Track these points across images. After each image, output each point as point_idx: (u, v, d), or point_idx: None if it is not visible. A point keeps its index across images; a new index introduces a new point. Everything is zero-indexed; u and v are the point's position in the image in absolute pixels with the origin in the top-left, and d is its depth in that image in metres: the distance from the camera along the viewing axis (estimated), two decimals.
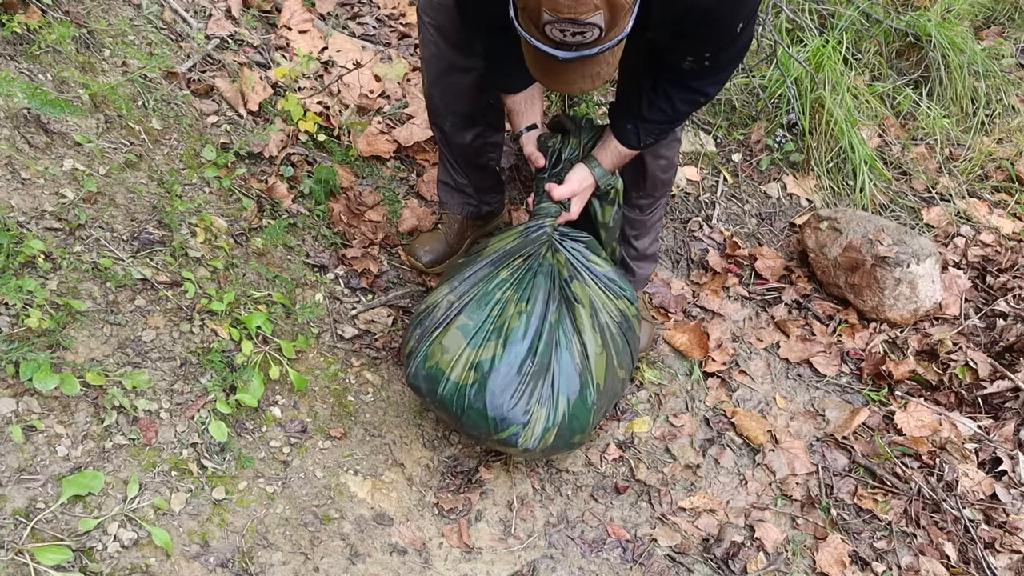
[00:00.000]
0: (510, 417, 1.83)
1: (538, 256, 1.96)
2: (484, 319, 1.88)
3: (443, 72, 2.08)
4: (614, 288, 2.02)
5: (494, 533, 2.01)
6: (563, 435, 1.90)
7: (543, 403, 1.85)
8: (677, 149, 2.24)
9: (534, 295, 1.90)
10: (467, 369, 1.84)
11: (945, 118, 3.35)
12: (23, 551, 1.47)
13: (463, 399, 1.84)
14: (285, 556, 1.75)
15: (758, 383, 2.51)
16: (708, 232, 2.89)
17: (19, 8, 2.05)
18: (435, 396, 1.88)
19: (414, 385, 1.93)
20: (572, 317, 1.93)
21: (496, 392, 1.82)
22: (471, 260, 2.01)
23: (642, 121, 1.87)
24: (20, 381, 1.63)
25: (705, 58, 1.67)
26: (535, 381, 1.85)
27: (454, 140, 2.24)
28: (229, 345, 1.95)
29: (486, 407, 1.82)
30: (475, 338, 1.86)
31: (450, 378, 1.85)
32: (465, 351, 1.85)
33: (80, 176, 1.93)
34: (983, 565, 2.09)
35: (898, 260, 2.61)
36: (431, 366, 1.88)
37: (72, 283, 1.79)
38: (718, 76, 1.79)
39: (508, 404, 1.82)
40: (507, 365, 1.83)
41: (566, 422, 1.88)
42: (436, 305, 1.94)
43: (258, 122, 2.48)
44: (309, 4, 2.89)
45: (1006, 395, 2.50)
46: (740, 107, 3.20)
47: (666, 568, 2.02)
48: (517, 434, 1.84)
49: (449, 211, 2.42)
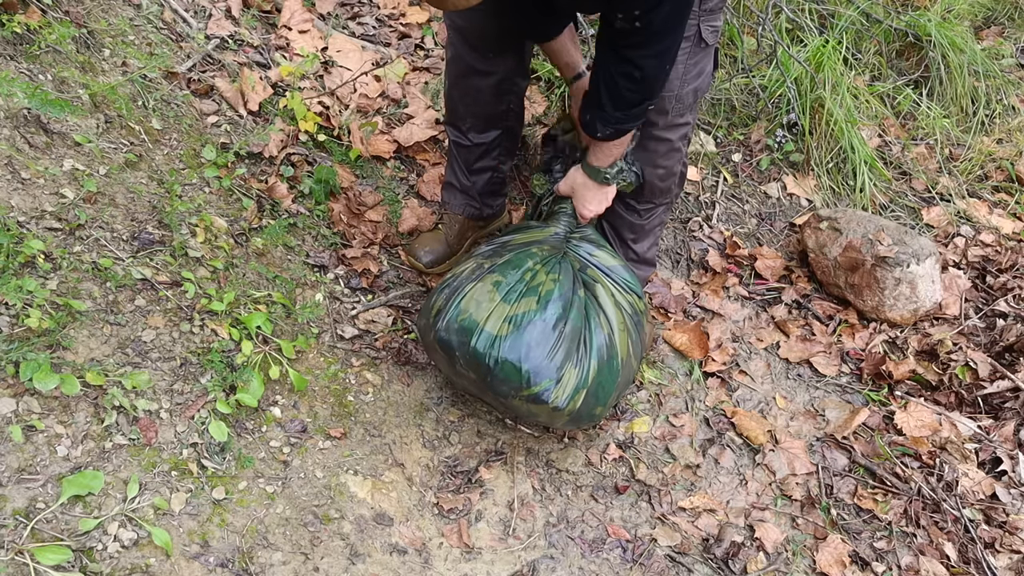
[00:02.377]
0: (543, 371, 1.83)
1: (560, 248, 2.06)
2: (517, 279, 1.91)
3: (462, 74, 2.10)
4: (621, 283, 2.07)
5: (494, 533, 2.01)
6: (589, 401, 1.91)
7: (576, 364, 1.88)
8: (678, 159, 2.22)
9: (563, 272, 1.96)
10: (502, 321, 1.85)
11: (945, 118, 3.35)
12: (23, 551, 1.47)
13: (497, 350, 1.83)
14: (285, 556, 1.75)
15: (758, 383, 2.51)
16: (708, 232, 2.89)
17: (19, 8, 2.05)
18: (467, 348, 1.86)
19: (444, 340, 1.90)
20: (594, 296, 1.99)
21: (532, 344, 1.83)
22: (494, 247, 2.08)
23: (599, 109, 1.86)
24: (20, 381, 1.63)
25: (635, 16, 1.64)
26: (569, 342, 1.87)
27: (469, 142, 2.26)
28: (229, 345, 1.95)
29: (521, 359, 1.82)
30: (509, 295, 1.89)
31: (484, 329, 1.85)
32: (499, 305, 1.87)
33: (80, 176, 1.93)
34: (983, 565, 2.09)
35: (898, 260, 2.61)
36: (464, 318, 1.87)
37: (72, 283, 1.79)
38: (653, 46, 1.72)
39: (543, 358, 1.83)
40: (543, 321, 1.85)
41: (594, 387, 1.91)
42: (465, 268, 1.98)
43: (258, 122, 2.48)
44: (309, 4, 2.89)
45: (1006, 395, 2.50)
46: (740, 107, 3.20)
47: (666, 568, 2.02)
48: (548, 389, 1.85)
49: (451, 211, 2.42)
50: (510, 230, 2.19)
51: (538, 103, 2.95)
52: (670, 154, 2.17)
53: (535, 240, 2.07)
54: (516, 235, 2.12)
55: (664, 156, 2.16)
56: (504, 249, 2.05)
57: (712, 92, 3.20)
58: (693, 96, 2.07)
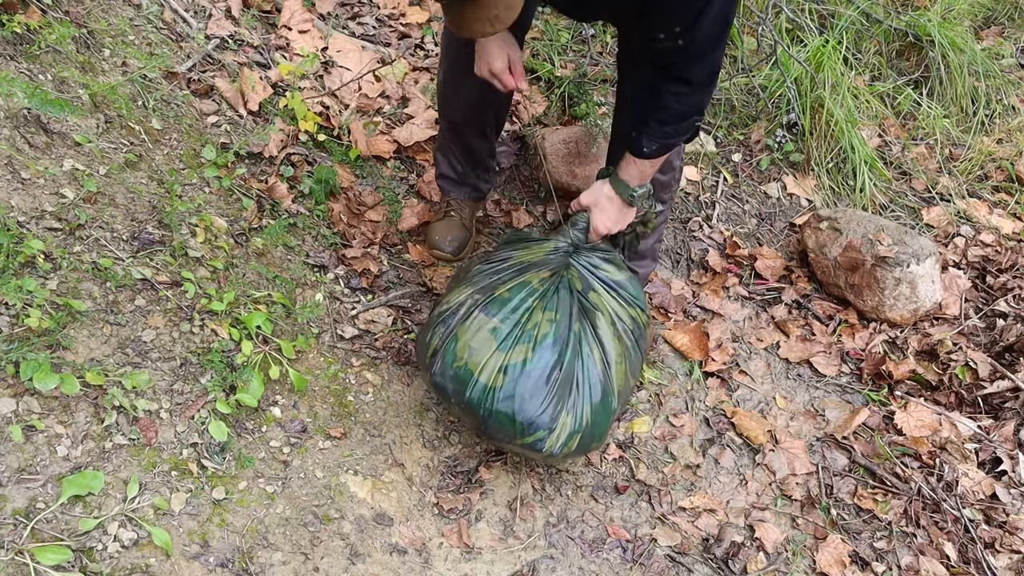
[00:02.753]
0: (538, 423, 1.83)
1: (560, 272, 2.00)
2: (514, 324, 1.88)
3: (456, 67, 2.11)
4: (626, 296, 2.03)
5: (494, 533, 2.01)
6: (584, 441, 1.91)
7: (569, 410, 1.86)
8: (677, 153, 2.24)
9: (560, 306, 1.92)
10: (496, 372, 1.83)
11: (945, 118, 3.35)
12: (23, 551, 1.47)
13: (491, 401, 1.83)
14: (285, 556, 1.75)
15: (758, 383, 2.51)
16: (708, 232, 2.89)
17: (19, 8, 2.05)
18: (462, 398, 1.86)
19: (440, 385, 1.90)
20: (593, 327, 1.94)
21: (525, 397, 1.82)
22: (494, 267, 2.02)
23: (643, 126, 1.86)
24: (20, 381, 1.63)
25: (676, 34, 1.63)
26: (563, 388, 1.85)
27: (463, 131, 2.28)
28: (229, 345, 1.95)
29: (515, 412, 1.82)
30: (504, 342, 1.85)
31: (479, 380, 1.84)
32: (495, 354, 1.84)
33: (80, 176, 1.93)
34: (983, 565, 2.09)
35: (898, 260, 2.61)
36: (459, 366, 1.86)
37: (72, 283, 1.79)
38: (701, 60, 1.72)
39: (537, 410, 1.82)
40: (537, 371, 1.83)
41: (588, 429, 1.89)
42: (461, 304, 1.94)
43: (258, 122, 2.48)
44: (309, 4, 2.89)
45: (1006, 395, 2.50)
46: (740, 107, 3.20)
47: (666, 568, 2.02)
48: (543, 439, 1.84)
49: (458, 199, 2.47)
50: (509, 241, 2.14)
51: (538, 103, 2.95)
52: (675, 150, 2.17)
53: (534, 262, 2.01)
54: (515, 252, 2.05)
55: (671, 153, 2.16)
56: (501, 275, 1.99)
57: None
58: None
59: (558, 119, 2.95)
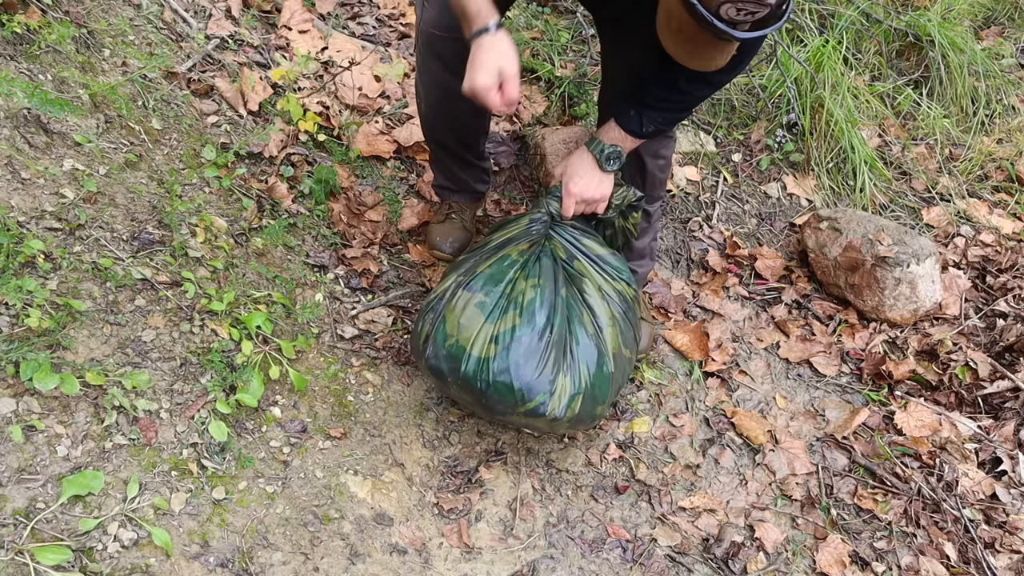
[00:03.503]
0: (536, 386, 1.82)
1: (540, 243, 2.00)
2: (499, 295, 1.88)
3: (443, 99, 2.08)
4: (610, 271, 2.03)
5: (494, 533, 2.01)
6: (587, 404, 1.90)
7: (566, 371, 1.86)
8: (672, 147, 2.25)
9: (543, 273, 1.93)
10: (488, 343, 1.84)
11: (945, 118, 3.35)
12: (23, 551, 1.47)
13: (487, 372, 1.82)
14: (285, 556, 1.75)
15: (758, 383, 2.51)
16: (708, 232, 2.89)
17: (19, 8, 2.05)
18: (458, 375, 1.86)
19: (434, 367, 1.90)
20: (580, 292, 1.95)
21: (520, 362, 1.81)
22: (476, 250, 2.04)
23: (645, 108, 1.85)
24: (20, 381, 1.63)
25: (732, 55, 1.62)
26: (556, 350, 1.85)
27: (455, 150, 2.29)
28: (229, 345, 1.95)
29: (512, 378, 1.81)
30: (492, 313, 1.86)
31: (472, 354, 1.84)
32: (484, 326, 1.85)
33: (80, 176, 1.93)
34: (983, 565, 2.09)
35: (898, 260, 2.61)
36: (451, 344, 1.86)
37: (72, 283, 1.79)
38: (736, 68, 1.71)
39: (533, 373, 1.82)
40: (528, 336, 1.83)
41: (589, 390, 1.89)
42: (446, 290, 1.95)
43: (258, 122, 2.48)
44: (309, 4, 2.89)
45: (1006, 395, 2.50)
46: (740, 107, 3.20)
47: (666, 568, 2.02)
48: (544, 403, 1.83)
49: (457, 202, 2.48)
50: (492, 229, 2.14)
51: (538, 103, 2.95)
52: (669, 143, 2.19)
53: (512, 237, 2.01)
54: (494, 234, 2.07)
55: (665, 145, 2.17)
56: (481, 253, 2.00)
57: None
58: None
59: (558, 119, 2.96)
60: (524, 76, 3.01)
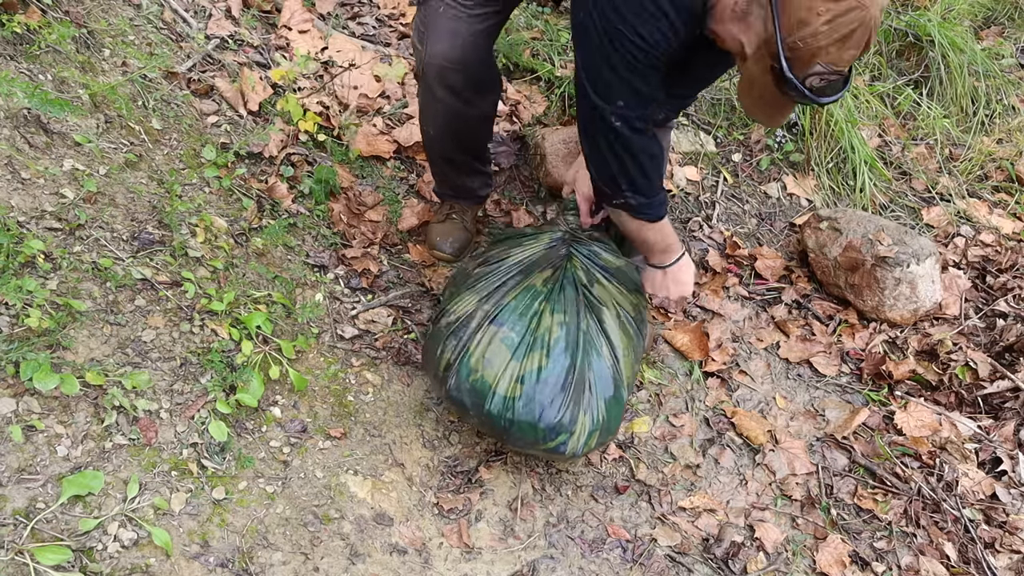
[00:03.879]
0: (558, 427, 1.86)
1: (563, 267, 2.02)
2: (524, 330, 1.90)
3: (452, 121, 2.10)
4: (626, 282, 2.06)
5: (494, 533, 2.01)
6: (603, 436, 1.95)
7: (585, 410, 1.88)
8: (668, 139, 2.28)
9: (567, 305, 1.94)
10: (514, 382, 1.85)
11: (945, 118, 3.35)
12: (23, 551, 1.47)
13: (512, 412, 1.85)
14: (285, 556, 1.75)
15: (758, 383, 2.51)
16: (708, 232, 2.89)
17: (19, 8, 2.05)
18: (481, 411, 1.87)
19: (457, 399, 1.91)
20: (600, 322, 1.96)
21: (545, 404, 1.84)
22: (494, 269, 2.04)
23: None
24: (20, 381, 1.63)
25: None
26: (577, 391, 1.88)
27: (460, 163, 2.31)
28: (229, 345, 1.95)
29: (537, 420, 1.84)
30: (518, 350, 1.87)
31: (497, 392, 1.85)
32: (510, 364, 1.86)
33: (80, 176, 1.93)
34: (983, 565, 2.09)
35: (898, 260, 2.61)
36: (475, 380, 1.87)
37: (72, 283, 1.79)
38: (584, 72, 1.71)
39: (556, 415, 1.85)
40: (553, 376, 1.85)
41: (605, 424, 1.93)
42: (470, 316, 1.95)
43: (258, 122, 2.48)
44: (309, 4, 2.88)
45: (1006, 395, 2.50)
46: (740, 107, 3.20)
47: (666, 568, 2.02)
48: (565, 442, 1.88)
49: (460, 205, 2.48)
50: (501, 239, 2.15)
51: (538, 103, 2.95)
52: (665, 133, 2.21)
53: (534, 260, 2.03)
54: (512, 249, 2.07)
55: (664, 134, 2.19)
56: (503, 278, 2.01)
57: (712, 92, 3.20)
58: None
59: (558, 119, 2.95)
60: (524, 76, 3.01)
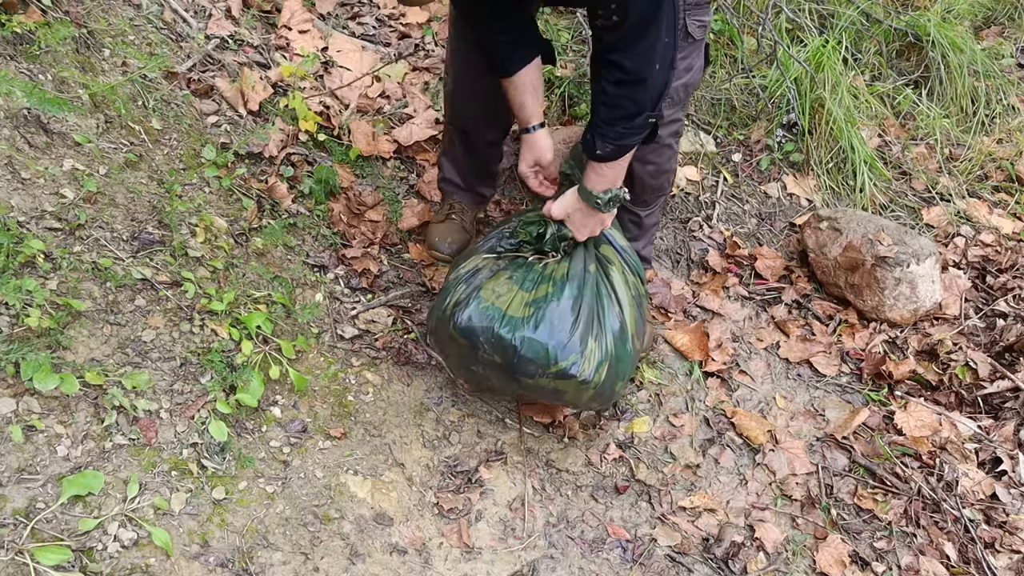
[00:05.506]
0: (569, 346, 1.90)
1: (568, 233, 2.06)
2: (531, 271, 1.99)
3: (471, 78, 2.09)
4: (631, 263, 2.11)
5: (494, 533, 2.01)
6: (611, 375, 1.97)
7: (595, 337, 1.94)
8: (669, 155, 2.21)
9: (575, 256, 2.01)
10: (524, 306, 1.93)
11: (945, 118, 3.35)
12: (23, 551, 1.47)
13: (523, 331, 1.90)
14: (285, 556, 1.75)
15: (758, 383, 2.51)
16: (708, 232, 2.89)
17: (19, 8, 2.05)
18: (492, 333, 1.92)
19: (466, 328, 1.95)
20: (606, 275, 2.03)
21: (555, 323, 1.90)
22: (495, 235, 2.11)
23: (595, 126, 1.78)
24: (20, 381, 1.63)
25: (612, 9, 1.59)
26: (587, 317, 1.94)
27: (474, 139, 2.27)
28: (229, 345, 1.95)
29: (546, 337, 1.89)
30: (526, 283, 1.97)
31: (507, 313, 1.92)
32: (519, 293, 1.95)
33: (80, 176, 1.93)
34: (983, 565, 2.09)
35: (898, 260, 2.61)
36: (486, 306, 1.94)
37: (72, 283, 1.79)
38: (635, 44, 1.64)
39: (566, 334, 1.90)
40: (562, 301, 1.93)
41: (614, 360, 1.96)
42: (479, 269, 2.03)
43: (258, 122, 2.48)
44: (309, 4, 2.89)
45: (1006, 395, 2.50)
46: (740, 107, 3.20)
47: (666, 568, 2.02)
48: (576, 363, 1.91)
49: (461, 203, 2.46)
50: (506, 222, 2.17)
51: None
52: (660, 151, 2.15)
53: None
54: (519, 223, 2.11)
55: (654, 152, 2.14)
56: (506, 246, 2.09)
57: (712, 92, 3.20)
58: (683, 92, 2.06)
59: (558, 119, 2.96)
60: None
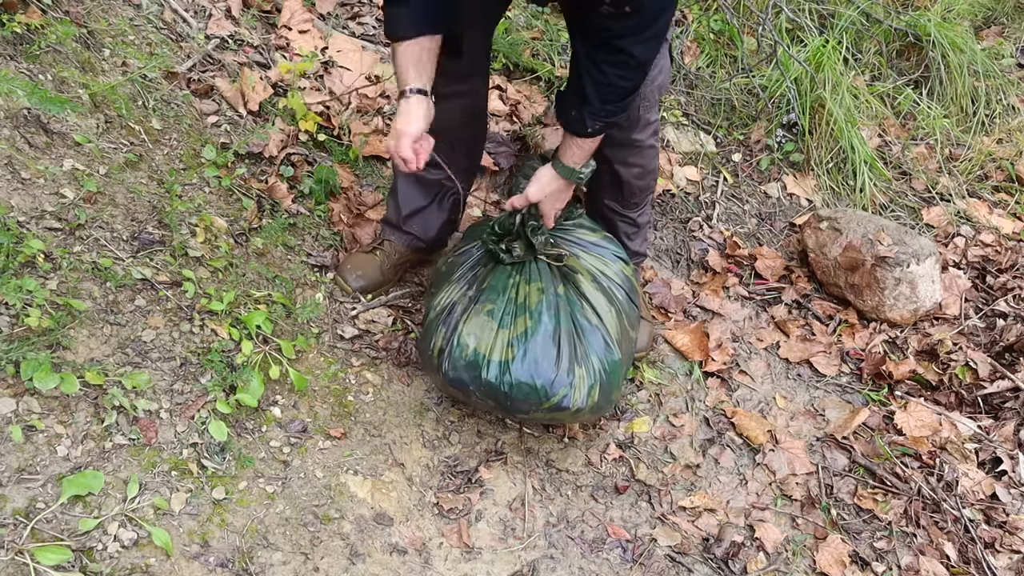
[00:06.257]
0: (557, 381, 1.90)
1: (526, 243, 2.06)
2: (506, 301, 1.97)
3: None
4: (606, 254, 2.11)
5: (494, 533, 2.01)
6: (604, 391, 1.97)
7: (580, 363, 1.93)
8: (652, 155, 2.21)
9: (542, 274, 2.01)
10: (505, 347, 1.91)
11: (945, 118, 3.35)
12: (23, 551, 1.47)
13: (509, 375, 1.89)
14: (285, 556, 1.75)
15: (758, 383, 2.51)
16: (708, 232, 2.89)
17: (19, 8, 2.05)
18: (480, 382, 1.92)
19: (455, 379, 1.95)
20: (576, 287, 2.03)
21: (539, 360, 1.90)
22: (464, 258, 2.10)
23: (585, 104, 1.79)
24: (20, 381, 1.63)
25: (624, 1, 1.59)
26: (568, 345, 1.93)
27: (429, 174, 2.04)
28: (229, 345, 1.95)
29: (534, 376, 1.89)
30: (504, 319, 1.95)
31: (491, 359, 1.91)
32: (499, 333, 1.93)
33: (80, 176, 1.93)
34: (983, 565, 2.09)
35: (898, 260, 2.61)
36: (468, 354, 1.93)
37: (72, 283, 1.79)
38: (647, 30, 1.66)
39: (552, 370, 1.90)
40: (542, 335, 1.92)
41: (604, 378, 1.96)
42: (454, 304, 2.01)
43: (258, 122, 2.48)
44: (309, 4, 2.88)
45: (1006, 395, 2.50)
46: (740, 107, 3.20)
47: (666, 568, 2.02)
48: (567, 396, 1.91)
49: (393, 243, 2.33)
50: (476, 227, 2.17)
51: (538, 103, 2.95)
52: (644, 152, 2.18)
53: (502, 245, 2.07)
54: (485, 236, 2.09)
55: (637, 155, 2.17)
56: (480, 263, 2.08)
57: (712, 92, 3.20)
58: (657, 93, 2.09)
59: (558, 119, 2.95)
60: (524, 76, 3.01)
